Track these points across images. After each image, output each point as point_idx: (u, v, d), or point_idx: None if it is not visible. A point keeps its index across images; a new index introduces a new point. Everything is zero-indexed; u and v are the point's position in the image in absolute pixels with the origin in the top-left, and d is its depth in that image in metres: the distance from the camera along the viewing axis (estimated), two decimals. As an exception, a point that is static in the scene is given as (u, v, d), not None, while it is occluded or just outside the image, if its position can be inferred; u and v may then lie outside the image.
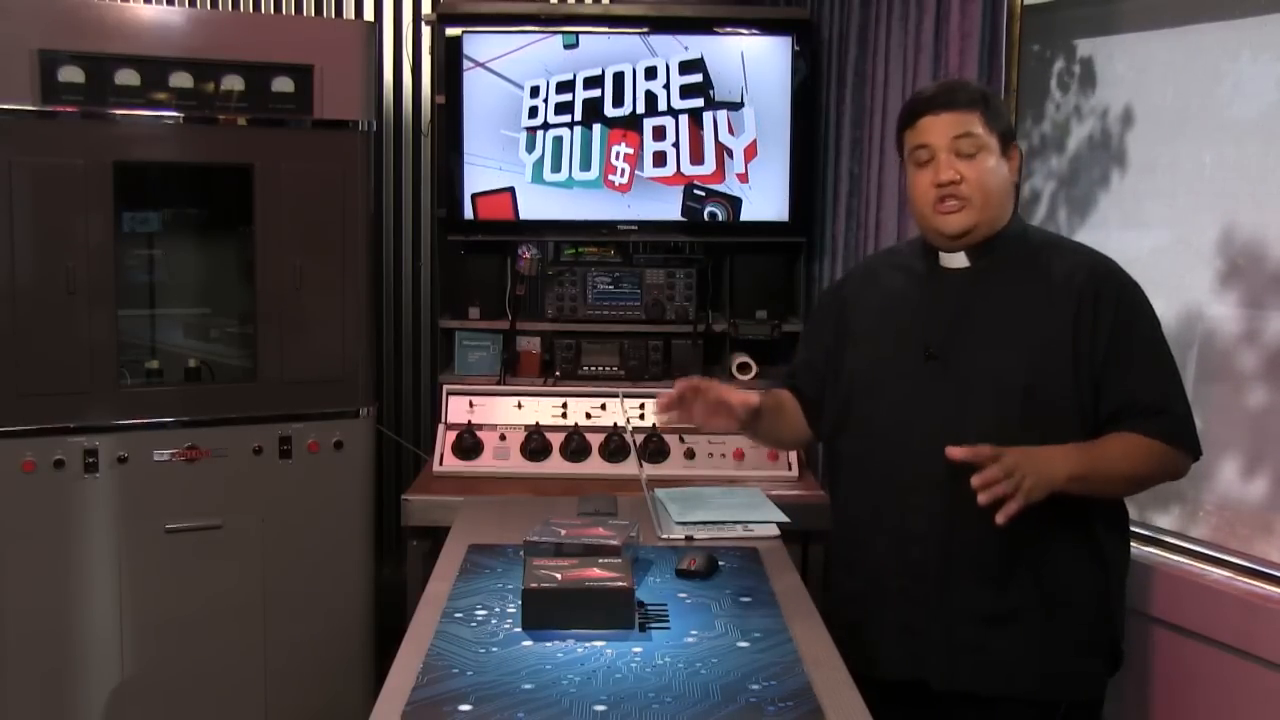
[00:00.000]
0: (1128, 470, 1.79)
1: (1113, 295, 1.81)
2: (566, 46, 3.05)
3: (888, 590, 1.88)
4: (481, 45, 3.05)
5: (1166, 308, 2.43)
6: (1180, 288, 2.44)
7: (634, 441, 2.70)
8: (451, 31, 3.05)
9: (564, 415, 2.91)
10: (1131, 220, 2.58)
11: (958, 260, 1.89)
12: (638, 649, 1.60)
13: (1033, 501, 1.66)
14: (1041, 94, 2.76)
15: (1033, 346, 1.81)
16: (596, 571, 1.73)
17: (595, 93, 3.06)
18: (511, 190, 3.09)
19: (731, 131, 3.07)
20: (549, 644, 1.61)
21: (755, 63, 3.07)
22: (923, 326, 1.88)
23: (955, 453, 1.66)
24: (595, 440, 2.85)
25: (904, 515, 1.85)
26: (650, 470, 2.63)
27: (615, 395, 2.86)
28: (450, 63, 3.06)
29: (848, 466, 2.00)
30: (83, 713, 2.66)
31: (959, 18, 2.51)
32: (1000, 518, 1.64)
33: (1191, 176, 2.43)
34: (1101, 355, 1.79)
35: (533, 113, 3.06)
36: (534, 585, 1.68)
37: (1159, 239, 2.52)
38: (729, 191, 3.10)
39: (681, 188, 3.09)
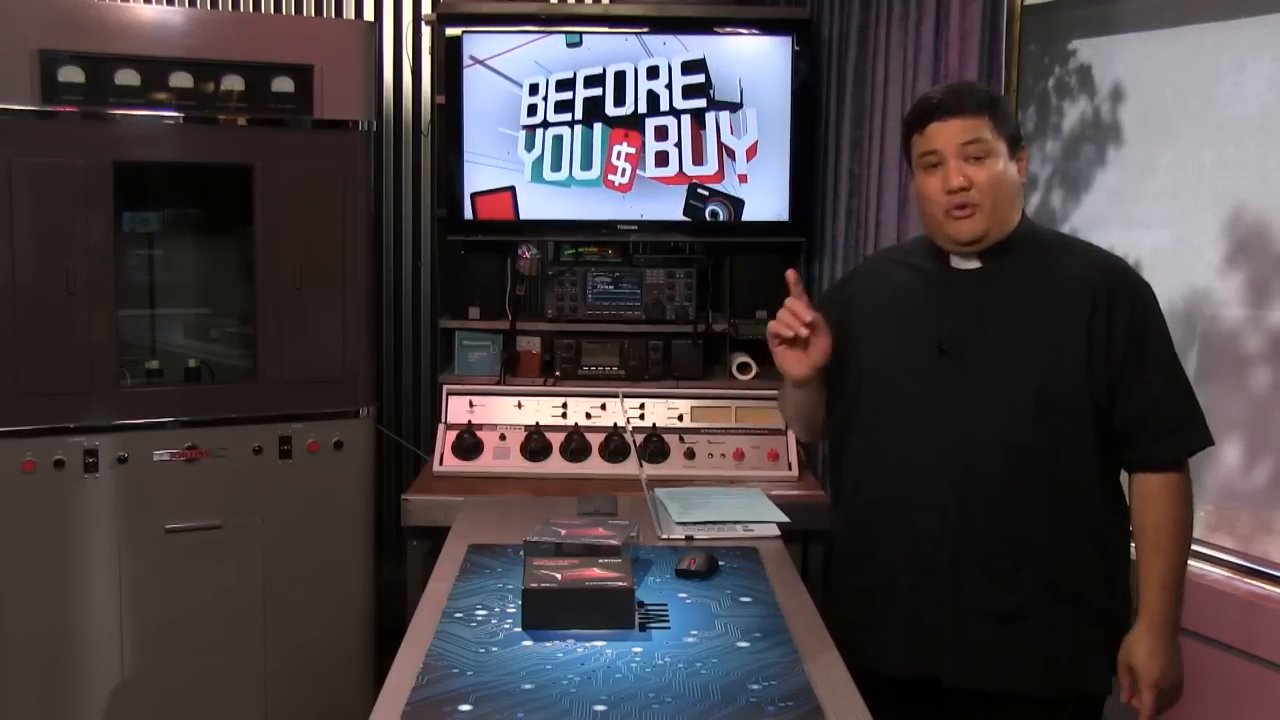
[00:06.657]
0: (1184, 553, 1.83)
1: (1127, 296, 1.82)
2: (570, 45, 3.05)
3: (897, 586, 1.87)
4: (481, 45, 3.05)
5: (1166, 308, 2.43)
6: (1180, 288, 2.44)
7: (634, 441, 2.70)
8: (451, 31, 3.05)
9: (564, 415, 2.91)
10: (1132, 220, 2.58)
11: (969, 262, 1.88)
12: (638, 649, 1.60)
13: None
14: (1041, 94, 2.76)
15: (1047, 346, 1.81)
16: (596, 571, 1.73)
17: (596, 91, 3.05)
18: (512, 190, 3.08)
19: (733, 132, 3.07)
20: (549, 644, 1.61)
21: (755, 63, 3.06)
22: (933, 324, 1.87)
23: None
24: (595, 440, 2.85)
25: (915, 511, 1.84)
26: (650, 470, 2.63)
27: (615, 395, 2.86)
28: (450, 62, 3.06)
29: (855, 462, 1.97)
30: (83, 713, 2.66)
31: (959, 18, 2.51)
32: None
33: (1191, 176, 2.43)
34: (1119, 357, 1.80)
35: (531, 110, 3.06)
36: (534, 585, 1.68)
37: (1159, 239, 2.52)
38: (731, 192, 3.09)
39: (684, 187, 3.09)
